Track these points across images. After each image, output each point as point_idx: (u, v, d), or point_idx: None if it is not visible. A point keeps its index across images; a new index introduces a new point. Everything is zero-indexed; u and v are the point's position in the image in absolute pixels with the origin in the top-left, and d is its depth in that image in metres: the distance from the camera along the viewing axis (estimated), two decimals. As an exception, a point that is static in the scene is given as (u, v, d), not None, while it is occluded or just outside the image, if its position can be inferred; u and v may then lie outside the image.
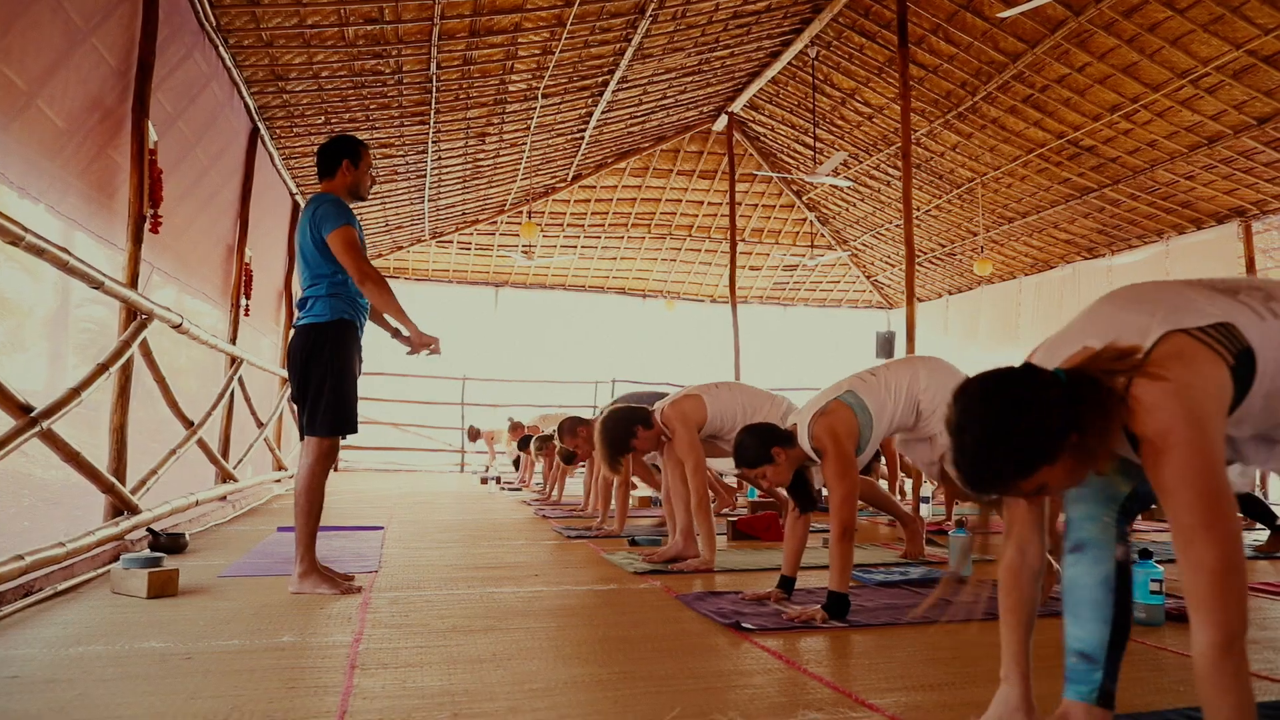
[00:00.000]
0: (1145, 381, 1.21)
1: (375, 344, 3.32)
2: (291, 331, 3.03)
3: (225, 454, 5.92)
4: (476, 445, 11.39)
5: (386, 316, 3.10)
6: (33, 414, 2.64)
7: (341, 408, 2.91)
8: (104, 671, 1.89)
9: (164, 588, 2.77)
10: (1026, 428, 1.24)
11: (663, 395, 4.37)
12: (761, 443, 2.76)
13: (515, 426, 9.70)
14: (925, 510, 5.25)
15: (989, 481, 1.28)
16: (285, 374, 7.80)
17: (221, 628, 2.34)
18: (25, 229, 2.48)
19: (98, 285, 3.11)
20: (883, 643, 2.29)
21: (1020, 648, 1.49)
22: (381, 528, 4.85)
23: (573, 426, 5.25)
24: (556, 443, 5.61)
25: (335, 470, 11.61)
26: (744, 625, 2.39)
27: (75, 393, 2.94)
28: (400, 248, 12.64)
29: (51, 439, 2.82)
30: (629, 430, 3.80)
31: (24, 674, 1.86)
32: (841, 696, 1.78)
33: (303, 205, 8.70)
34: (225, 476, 5.71)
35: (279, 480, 7.57)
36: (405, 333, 3.07)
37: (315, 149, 7.42)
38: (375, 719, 1.60)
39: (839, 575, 2.52)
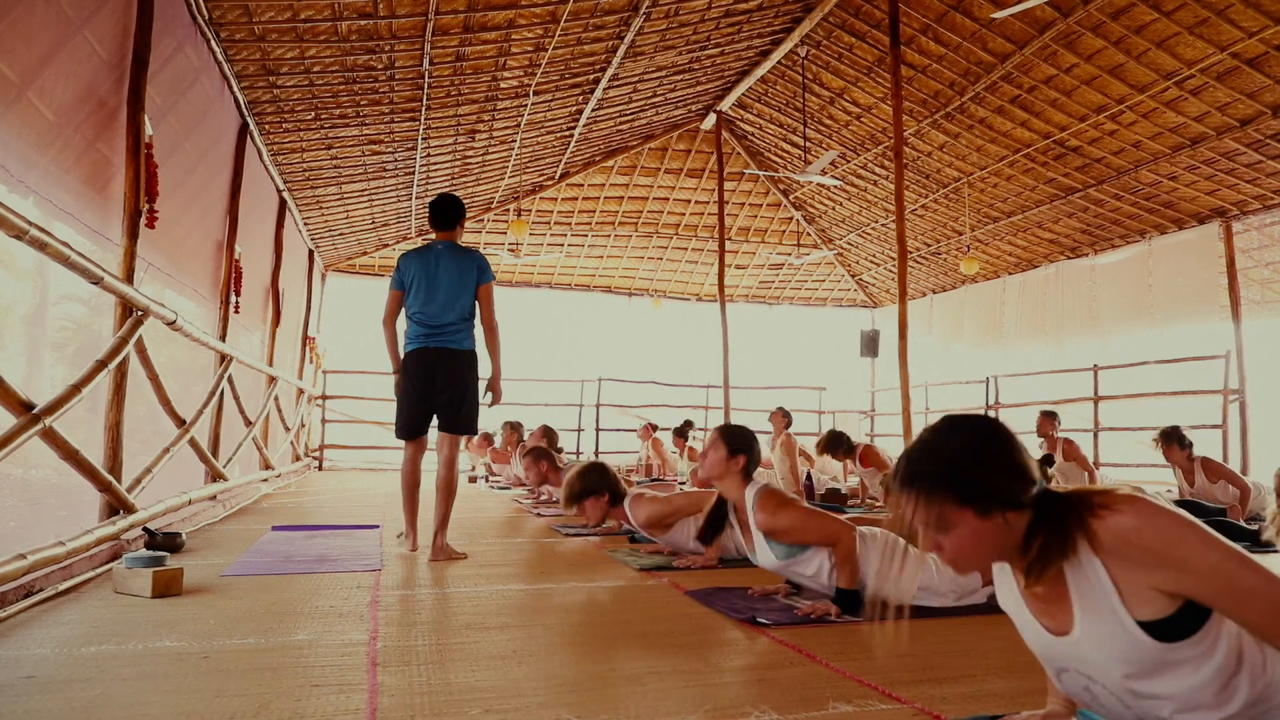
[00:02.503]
0: (1109, 512, 1.21)
1: (361, 344, 3.46)
2: (430, 344, 3.71)
3: (215, 453, 5.85)
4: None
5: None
6: (35, 411, 2.59)
7: (478, 414, 3.86)
8: (121, 671, 1.86)
9: (168, 587, 2.73)
10: (991, 461, 1.25)
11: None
12: None
13: (485, 437, 9.76)
14: None
15: (923, 482, 1.26)
16: (273, 372, 7.79)
17: (233, 626, 2.31)
18: (30, 223, 2.43)
19: (97, 280, 3.05)
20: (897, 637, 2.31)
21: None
22: (377, 526, 4.81)
23: (537, 456, 6.01)
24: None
25: (321, 470, 11.51)
26: (760, 620, 2.39)
27: (76, 389, 2.89)
28: (385, 245, 12.52)
29: (52, 437, 2.77)
30: (586, 490, 3.84)
31: (40, 674, 1.82)
32: (869, 689, 1.79)
33: (297, 213, 8.63)
34: (216, 476, 5.64)
35: (266, 480, 7.49)
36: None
37: (303, 146, 7.49)
38: (407, 715, 1.59)
39: (847, 577, 2.55)
